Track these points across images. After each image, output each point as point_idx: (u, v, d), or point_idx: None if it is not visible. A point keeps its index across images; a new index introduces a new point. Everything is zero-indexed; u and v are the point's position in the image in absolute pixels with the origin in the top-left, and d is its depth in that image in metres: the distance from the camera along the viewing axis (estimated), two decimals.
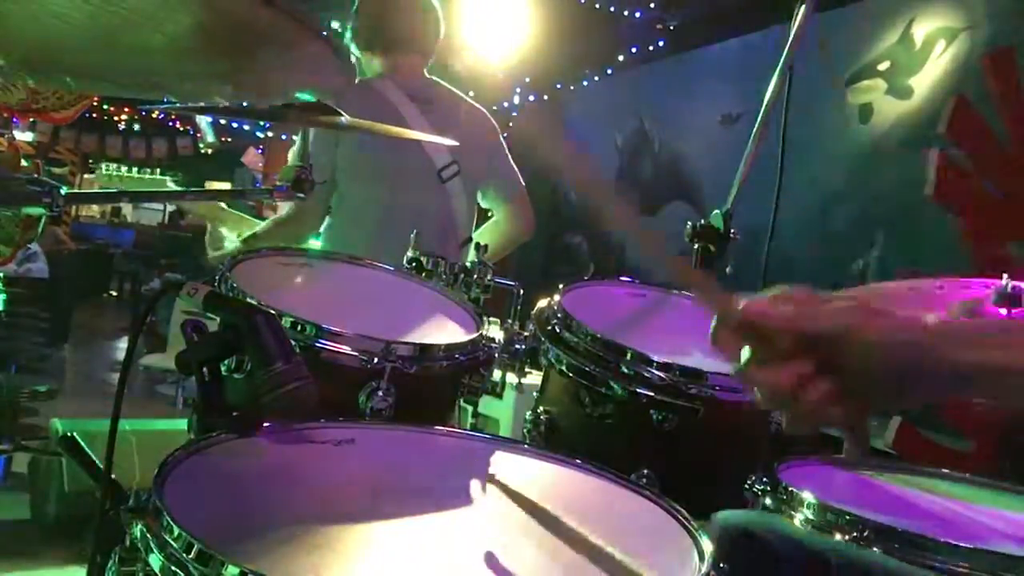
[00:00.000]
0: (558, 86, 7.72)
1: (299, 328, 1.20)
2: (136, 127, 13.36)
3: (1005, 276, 1.26)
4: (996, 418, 2.96)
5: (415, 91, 2.37)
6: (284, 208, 2.35)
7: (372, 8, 2.46)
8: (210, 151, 13.22)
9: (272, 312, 1.04)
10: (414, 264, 1.61)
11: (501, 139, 2.56)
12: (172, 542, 0.73)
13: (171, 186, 3.28)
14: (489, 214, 2.63)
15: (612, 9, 6.24)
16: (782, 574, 1.10)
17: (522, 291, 1.61)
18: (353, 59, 2.46)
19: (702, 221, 1.68)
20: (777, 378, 0.75)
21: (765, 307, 0.77)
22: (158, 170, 13.28)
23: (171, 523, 0.74)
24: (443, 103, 2.43)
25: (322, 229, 2.40)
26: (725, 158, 2.17)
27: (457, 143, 2.03)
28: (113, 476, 1.00)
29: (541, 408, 1.38)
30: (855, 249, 4.65)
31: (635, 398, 1.25)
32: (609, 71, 7.29)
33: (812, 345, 0.74)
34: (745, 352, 0.77)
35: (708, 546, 0.85)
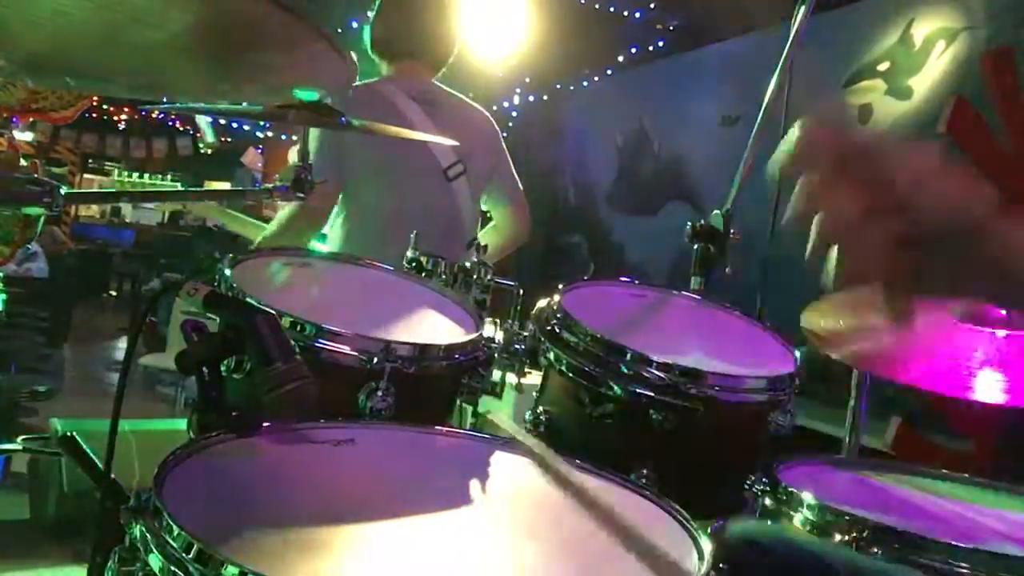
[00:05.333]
0: (558, 86, 7.73)
1: (299, 328, 1.19)
2: (136, 127, 13.37)
3: None
4: (996, 418, 2.96)
5: (418, 93, 2.38)
6: (286, 207, 2.36)
7: (392, 17, 2.46)
8: (210, 151, 13.22)
9: (272, 312, 1.04)
10: (414, 264, 1.61)
11: (503, 142, 2.58)
12: (172, 542, 0.73)
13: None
14: (488, 215, 2.63)
15: (612, 9, 6.24)
16: None
17: (522, 291, 1.61)
18: (356, 58, 2.47)
19: (702, 221, 1.68)
20: (850, 202, 0.64)
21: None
22: (169, 176, 13.43)
23: (171, 523, 0.74)
24: (446, 104, 2.44)
25: (329, 230, 2.40)
26: (725, 158, 2.17)
27: (461, 143, 2.03)
28: (113, 476, 1.00)
29: (541, 408, 1.38)
30: None
31: (635, 398, 1.25)
32: (609, 71, 7.30)
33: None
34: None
35: (708, 546, 0.85)
